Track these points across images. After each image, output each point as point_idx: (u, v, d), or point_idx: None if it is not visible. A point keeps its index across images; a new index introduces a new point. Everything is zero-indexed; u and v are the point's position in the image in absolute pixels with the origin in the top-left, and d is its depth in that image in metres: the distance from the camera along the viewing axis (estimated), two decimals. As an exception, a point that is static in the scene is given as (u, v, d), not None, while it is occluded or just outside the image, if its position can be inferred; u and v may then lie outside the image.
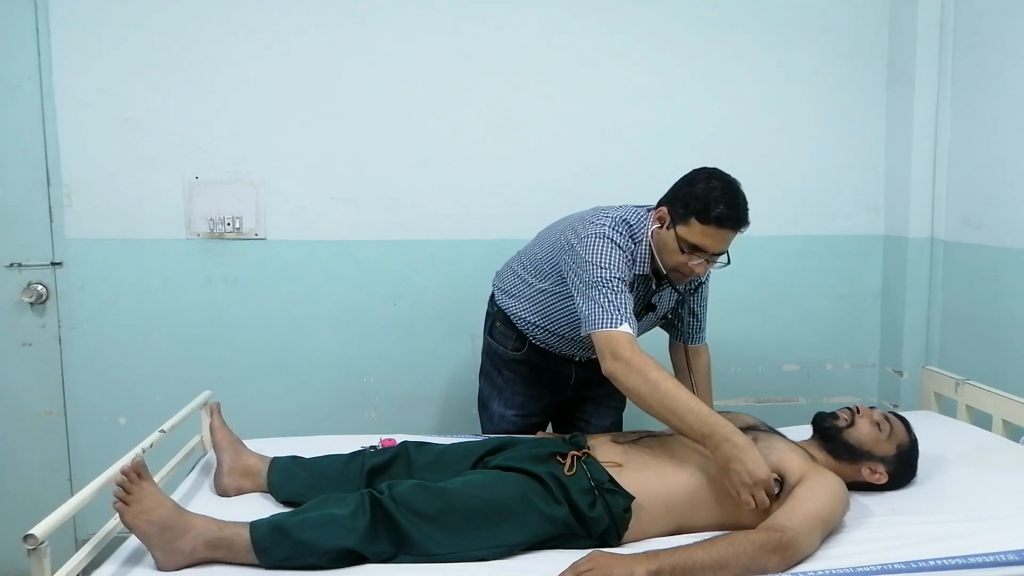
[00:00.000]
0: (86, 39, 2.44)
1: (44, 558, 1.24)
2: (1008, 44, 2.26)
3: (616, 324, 1.68)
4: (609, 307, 1.69)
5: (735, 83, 2.64)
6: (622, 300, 1.71)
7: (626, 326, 1.68)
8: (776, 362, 2.79)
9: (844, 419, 1.73)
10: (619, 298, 1.71)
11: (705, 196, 1.71)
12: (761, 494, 1.49)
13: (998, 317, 2.32)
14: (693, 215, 1.71)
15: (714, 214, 1.69)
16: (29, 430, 2.57)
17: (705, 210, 1.70)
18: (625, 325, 1.68)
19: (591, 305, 1.72)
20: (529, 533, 1.48)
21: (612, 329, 1.68)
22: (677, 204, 1.75)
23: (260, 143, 2.53)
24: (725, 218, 1.70)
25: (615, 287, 1.72)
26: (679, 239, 1.74)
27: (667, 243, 1.77)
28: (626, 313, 1.70)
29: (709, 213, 1.70)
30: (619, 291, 1.72)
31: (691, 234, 1.73)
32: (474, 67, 2.57)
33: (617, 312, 1.69)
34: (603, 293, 1.71)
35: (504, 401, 2.10)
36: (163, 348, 2.57)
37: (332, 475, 1.67)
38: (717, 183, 1.72)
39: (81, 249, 2.52)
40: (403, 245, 2.61)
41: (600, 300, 1.71)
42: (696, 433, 1.56)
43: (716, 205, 1.69)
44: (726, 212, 1.70)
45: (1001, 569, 1.36)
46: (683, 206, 1.73)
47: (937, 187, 2.56)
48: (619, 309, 1.69)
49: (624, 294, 1.73)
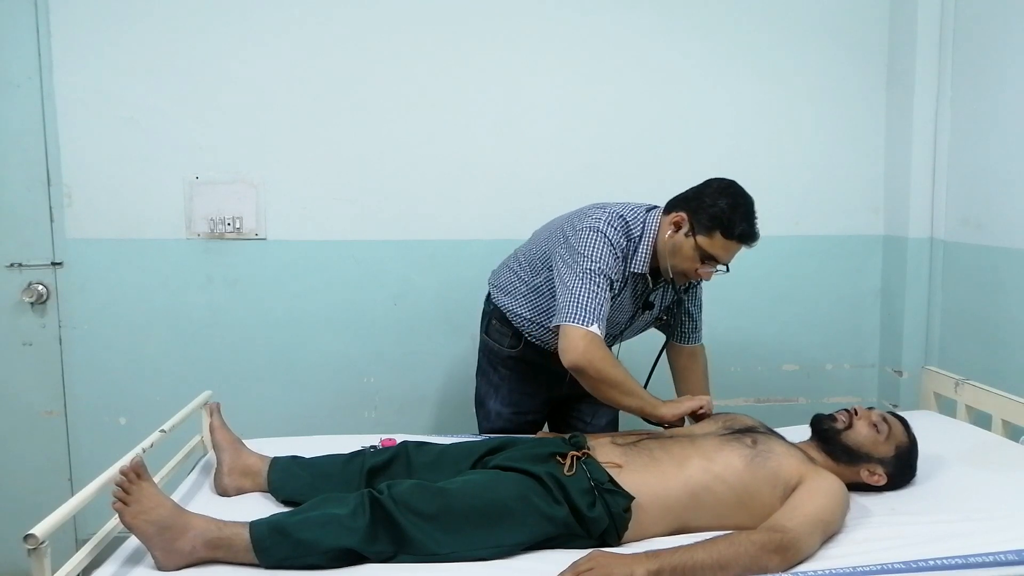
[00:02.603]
0: (86, 39, 2.44)
1: (44, 558, 1.24)
2: (1008, 44, 2.26)
3: (587, 323, 1.74)
4: (586, 303, 1.76)
5: (735, 83, 2.65)
6: (600, 299, 1.78)
7: (596, 327, 1.75)
8: (776, 362, 2.79)
9: (842, 421, 1.73)
10: (598, 296, 1.77)
11: (731, 212, 1.79)
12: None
13: (998, 317, 2.32)
14: (718, 229, 1.79)
15: (738, 231, 1.79)
16: (29, 430, 2.58)
17: (730, 226, 1.79)
18: (595, 326, 1.75)
19: (568, 296, 1.78)
20: (529, 533, 1.48)
21: (581, 326, 1.74)
22: (702, 215, 1.81)
23: (260, 143, 2.54)
24: (747, 235, 1.81)
25: (598, 283, 1.78)
26: (699, 248, 1.81)
27: (683, 249, 1.83)
28: (599, 314, 1.77)
29: (734, 230, 1.79)
30: (600, 289, 1.78)
31: (712, 246, 1.80)
32: (474, 67, 2.57)
33: (591, 311, 1.76)
34: (585, 286, 1.78)
35: (500, 399, 2.11)
36: (163, 348, 2.58)
37: (332, 475, 1.67)
38: (741, 200, 1.82)
39: (81, 249, 2.53)
40: (403, 245, 2.61)
41: (579, 294, 1.77)
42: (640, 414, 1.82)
43: (741, 223, 1.79)
44: (748, 230, 1.81)
45: (1001, 569, 1.36)
46: (709, 218, 1.80)
47: (937, 187, 2.56)
48: (594, 308, 1.76)
49: (604, 292, 1.79)
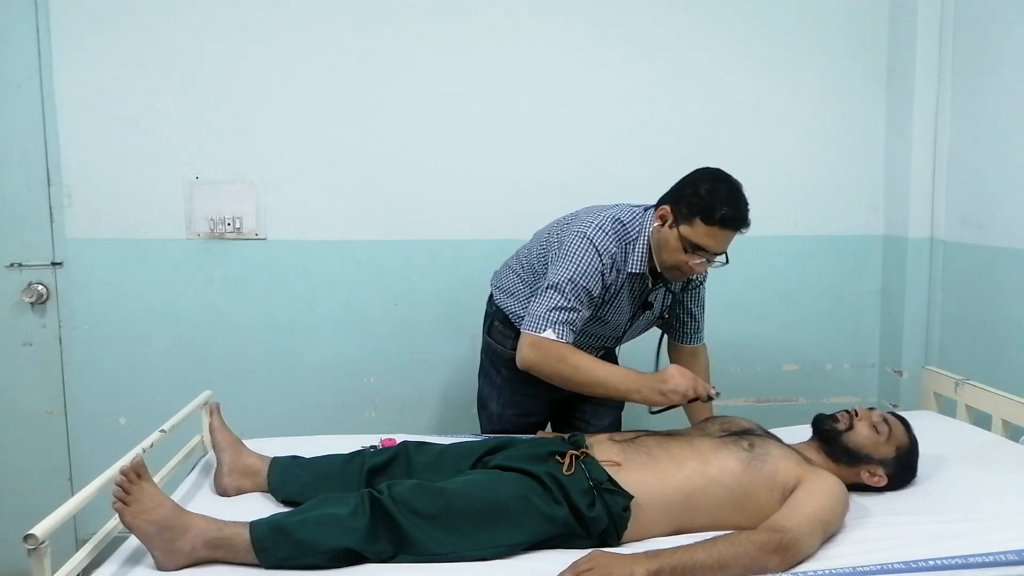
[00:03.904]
0: (86, 39, 2.44)
1: (44, 558, 1.24)
2: (1008, 44, 2.26)
3: (540, 330, 1.77)
4: (545, 313, 1.77)
5: (735, 83, 2.64)
6: (565, 307, 1.77)
7: (550, 331, 1.75)
8: (776, 362, 2.79)
9: (842, 422, 1.73)
10: (563, 305, 1.77)
11: (710, 197, 1.73)
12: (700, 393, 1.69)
13: (998, 317, 2.32)
14: (698, 215, 1.73)
15: (719, 215, 1.72)
16: (29, 430, 2.58)
17: (710, 211, 1.72)
18: (549, 331, 1.75)
19: (537, 305, 1.79)
20: (528, 533, 1.48)
21: (532, 333, 1.78)
22: (681, 204, 1.76)
23: (260, 143, 2.53)
24: (729, 219, 1.73)
25: (567, 292, 1.77)
26: (682, 238, 1.76)
27: (669, 242, 1.79)
28: (558, 319, 1.76)
29: (714, 214, 1.72)
30: (569, 297, 1.77)
31: (695, 234, 1.75)
32: (474, 67, 2.57)
33: (547, 319, 1.76)
34: (552, 295, 1.78)
35: (503, 400, 2.11)
36: (163, 348, 2.58)
37: (332, 475, 1.67)
38: (722, 184, 1.75)
39: (81, 249, 2.53)
40: (403, 245, 2.61)
41: (547, 304, 1.78)
42: (625, 390, 1.75)
43: (721, 206, 1.72)
44: (730, 214, 1.72)
45: (1001, 569, 1.36)
46: (687, 206, 1.75)
47: (937, 187, 2.56)
48: (554, 316, 1.76)
49: (573, 301, 1.78)
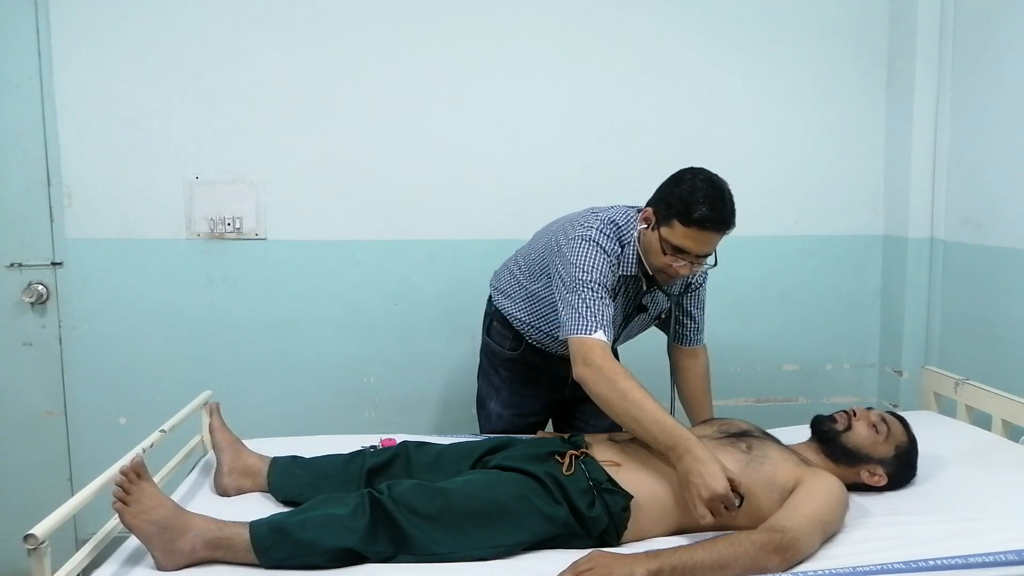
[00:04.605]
0: (86, 39, 2.44)
1: (44, 558, 1.24)
2: (1008, 44, 2.26)
3: (590, 331, 1.67)
4: (586, 313, 1.69)
5: (735, 83, 2.64)
6: (600, 307, 1.70)
7: (600, 333, 1.67)
8: (776, 362, 2.79)
9: (841, 423, 1.73)
10: (597, 304, 1.70)
11: (688, 197, 1.66)
12: (719, 507, 1.46)
13: (998, 317, 2.32)
14: (675, 216, 1.68)
15: (696, 216, 1.65)
16: (29, 430, 2.58)
17: (687, 212, 1.65)
18: (600, 332, 1.67)
19: (568, 310, 1.72)
20: (528, 533, 1.48)
21: (586, 336, 1.67)
22: (661, 205, 1.72)
23: (260, 143, 2.53)
24: (707, 220, 1.65)
25: (595, 292, 1.71)
26: (662, 240, 1.71)
27: (652, 244, 1.75)
28: (601, 320, 1.68)
29: (691, 215, 1.65)
30: (598, 297, 1.71)
31: (673, 236, 1.69)
32: (473, 67, 2.57)
33: (593, 319, 1.68)
34: (581, 298, 1.70)
35: (502, 401, 2.11)
36: (163, 348, 2.58)
37: (332, 475, 1.67)
38: (702, 184, 1.67)
39: (81, 249, 2.53)
40: (403, 245, 2.61)
41: (577, 305, 1.70)
42: (661, 444, 1.55)
43: (699, 207, 1.64)
44: (708, 214, 1.65)
45: (1001, 569, 1.36)
46: (666, 207, 1.70)
47: (937, 187, 2.56)
48: (595, 316, 1.68)
49: (603, 300, 1.71)
